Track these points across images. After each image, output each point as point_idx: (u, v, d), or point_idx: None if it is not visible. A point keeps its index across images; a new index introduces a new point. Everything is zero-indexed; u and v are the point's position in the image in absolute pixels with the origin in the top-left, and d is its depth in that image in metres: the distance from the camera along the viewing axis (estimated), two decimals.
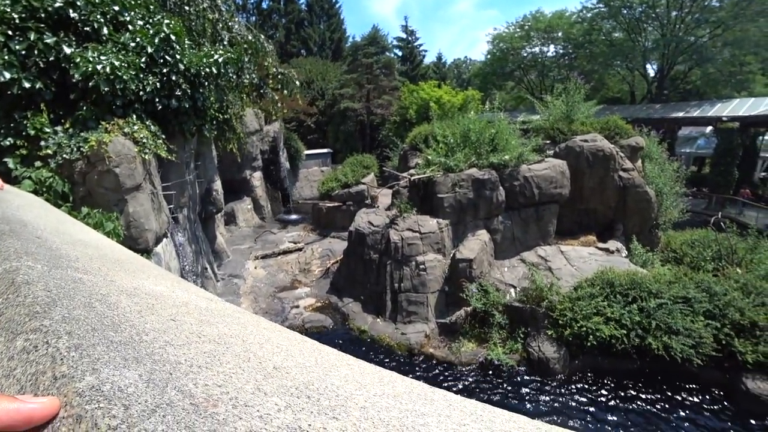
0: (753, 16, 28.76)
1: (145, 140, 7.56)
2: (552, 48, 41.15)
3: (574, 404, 8.68)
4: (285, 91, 18.01)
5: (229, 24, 14.65)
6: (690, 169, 29.15)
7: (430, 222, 11.92)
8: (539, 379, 9.41)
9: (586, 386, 9.21)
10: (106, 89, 7.27)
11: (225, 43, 13.89)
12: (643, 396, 8.89)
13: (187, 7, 12.46)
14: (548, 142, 14.23)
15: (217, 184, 15.65)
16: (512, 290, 11.13)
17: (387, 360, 10.15)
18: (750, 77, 33.90)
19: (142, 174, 7.47)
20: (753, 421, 8.19)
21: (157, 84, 8.33)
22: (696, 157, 31.80)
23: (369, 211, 13.73)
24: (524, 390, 9.10)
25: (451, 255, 11.72)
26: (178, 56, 8.68)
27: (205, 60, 9.39)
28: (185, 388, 0.81)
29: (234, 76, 12.39)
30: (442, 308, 11.31)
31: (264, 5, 43.98)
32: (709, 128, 28.98)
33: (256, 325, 1.75)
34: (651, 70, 37.76)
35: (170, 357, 1.00)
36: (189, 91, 9.05)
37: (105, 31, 7.94)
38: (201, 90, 9.53)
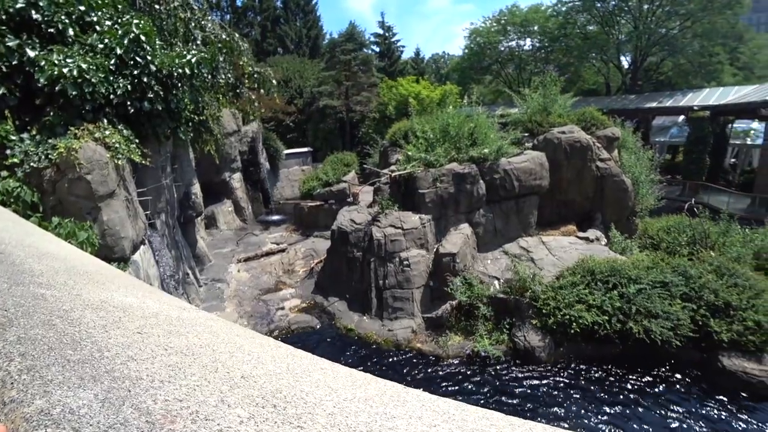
0: (720, 9, 29.85)
1: (117, 145, 7.36)
2: (528, 42, 41.57)
3: (560, 390, 8.87)
4: (262, 91, 17.76)
5: (202, 23, 14.34)
6: (664, 157, 29.92)
7: (412, 218, 11.95)
8: (526, 367, 9.57)
9: (572, 372, 9.42)
10: (73, 93, 7.05)
11: (198, 42, 13.59)
12: (626, 378, 9.15)
13: (157, 6, 12.16)
14: (526, 134, 14.39)
15: (196, 188, 15.38)
16: (496, 282, 11.26)
17: (375, 357, 10.15)
18: (719, 67, 35.09)
19: (115, 180, 7.28)
20: (728, 397, 8.52)
21: (128, 86, 8.11)
22: (670, 145, 32.61)
23: (351, 209, 13.68)
24: (511, 379, 9.23)
25: (435, 250, 11.78)
26: (149, 57, 8.47)
27: (177, 60, 9.18)
28: (143, 405, 0.79)
29: (209, 76, 12.17)
30: (428, 303, 11.37)
31: (238, 3, 43.15)
32: (682, 117, 29.78)
33: (229, 333, 1.72)
34: (625, 61, 38.57)
35: (131, 373, 0.97)
36: (162, 92, 8.84)
37: (71, 32, 7.69)
38: (174, 91, 9.32)
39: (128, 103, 8.18)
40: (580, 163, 13.55)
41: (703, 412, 8.23)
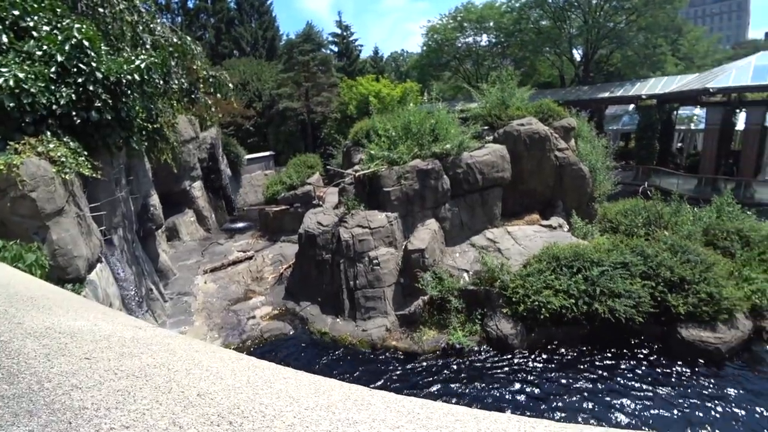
0: (661, 3, 31.86)
1: (63, 159, 6.94)
2: (485, 37, 42.49)
3: (534, 374, 9.15)
4: (219, 95, 17.26)
5: (151, 26, 13.75)
6: (617, 144, 31.33)
7: (378, 216, 11.96)
8: (500, 355, 9.79)
9: (544, 356, 9.73)
10: (11, 105, 6.60)
11: (148, 46, 13.02)
12: (595, 357, 9.56)
13: (101, 9, 11.55)
14: (487, 128, 14.67)
15: (154, 199, 14.77)
16: (465, 275, 11.44)
17: (350, 359, 10.10)
18: (662, 58, 37.33)
19: (63, 196, 6.87)
20: (688, 365, 9.08)
21: (73, 95, 7.67)
22: (622, 133, 34.22)
23: (317, 212, 13.54)
24: (487, 368, 9.42)
25: (403, 247, 11.84)
26: (94, 63, 8.03)
27: (126, 66, 8.76)
28: None
29: (161, 82, 11.68)
30: (400, 300, 11.41)
31: (190, 5, 41.79)
32: (632, 106, 31.31)
33: (187, 349, 1.65)
34: (577, 54, 40.16)
35: (74, 403, 0.91)
36: (110, 101, 8.40)
37: (4, 39, 7.19)
38: (124, 99, 8.88)
39: (74, 113, 7.72)
40: (540, 154, 13.96)
41: (667, 380, 8.75)
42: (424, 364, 9.71)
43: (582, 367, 9.29)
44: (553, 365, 9.41)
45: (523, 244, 12.32)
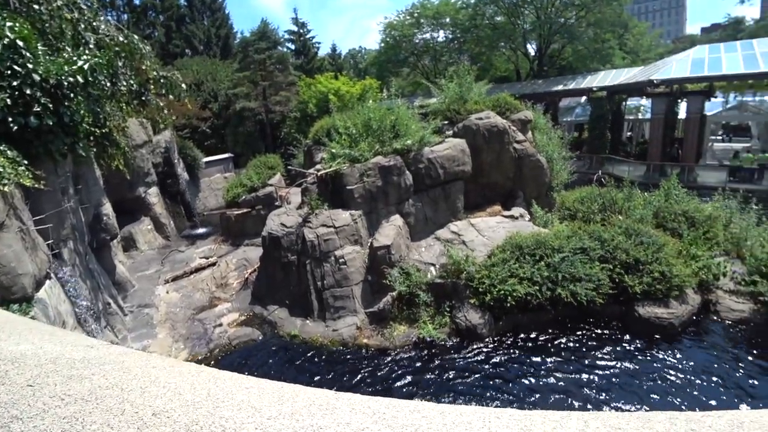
0: (608, 0, 33.07)
1: (0, 169, 6.45)
2: (442, 33, 43.07)
3: (503, 361, 9.40)
4: (171, 96, 16.55)
5: (94, 24, 12.96)
6: (572, 135, 32.63)
7: (343, 215, 11.88)
8: (470, 345, 9.98)
9: (512, 343, 10.01)
10: None
11: (91, 46, 12.25)
12: (561, 340, 9.95)
13: (36, 6, 10.78)
14: (446, 123, 14.87)
15: (107, 208, 14.01)
16: (432, 268, 11.57)
17: (322, 360, 9.98)
18: (611, 52, 39.37)
19: (2, 210, 6.38)
20: (645, 340, 9.65)
21: (7, 100, 7.13)
22: (576, 124, 35.63)
23: (280, 213, 13.28)
24: (457, 359, 9.57)
25: (369, 244, 11.83)
26: (30, 65, 7.49)
27: (67, 67, 8.23)
28: None
29: (107, 84, 11.05)
30: (369, 298, 11.40)
31: (136, 1, 39.75)
32: (584, 98, 32.68)
33: (144, 366, 1.55)
34: (531, 49, 41.49)
35: None
36: (51, 105, 7.87)
37: None
38: (67, 103, 8.34)
39: (10, 119, 7.19)
40: (499, 147, 14.30)
41: (627, 355, 9.31)
42: (397, 359, 9.76)
43: (549, 350, 9.64)
44: (521, 351, 9.70)
45: (486, 235, 12.59)
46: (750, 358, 8.99)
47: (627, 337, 9.92)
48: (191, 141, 26.14)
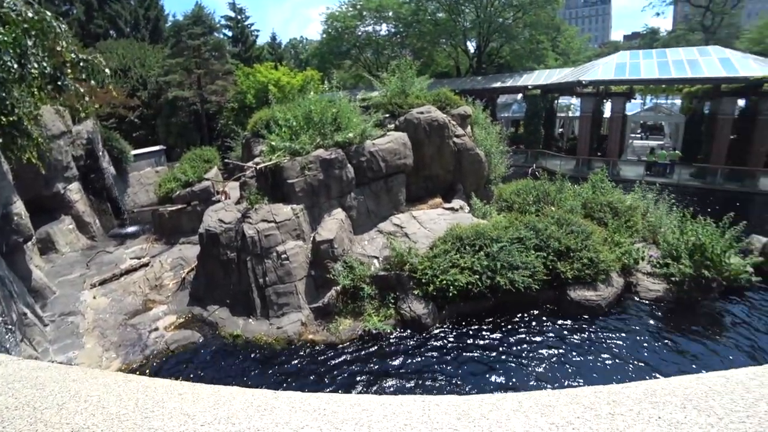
0: (542, 3, 35.69)
1: None
2: (384, 27, 43.31)
3: (447, 349, 9.63)
4: (93, 82, 15.13)
5: None
6: (509, 130, 34.16)
7: (284, 209, 11.55)
8: (415, 335, 10.13)
9: (456, 330, 10.31)
10: None
11: None
12: (501, 324, 10.41)
13: None
14: (388, 116, 14.91)
15: (18, 206, 12.55)
16: (376, 261, 11.58)
17: (267, 360, 9.65)
18: (544, 53, 41.81)
19: None
20: (576, 321, 10.33)
21: None
22: (512, 119, 37.38)
23: (218, 208, 12.65)
24: (403, 349, 9.68)
25: (311, 239, 11.61)
26: None
27: None
28: None
29: (14, 66, 9.86)
30: (313, 293, 11.19)
31: None
32: (520, 95, 34.36)
33: (62, 381, 1.36)
34: (471, 47, 42.85)
35: None
36: None
37: None
38: None
39: None
40: (439, 140, 14.58)
41: (562, 335, 9.97)
42: (343, 353, 9.68)
43: (491, 335, 10.05)
44: (464, 337, 10.01)
45: (428, 227, 12.80)
46: (665, 332, 10.00)
47: (561, 318, 10.59)
48: (118, 132, 24.17)
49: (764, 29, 47.81)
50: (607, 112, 31.06)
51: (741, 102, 24.76)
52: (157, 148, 25.94)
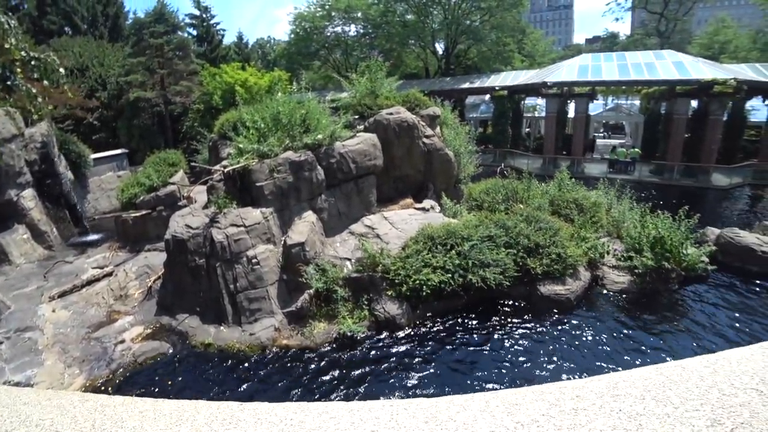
0: (509, 7, 36.83)
1: None
2: (353, 28, 43.22)
3: (422, 348, 9.70)
4: (46, 82, 14.38)
5: None
6: (478, 130, 34.71)
7: (253, 213, 11.33)
8: (390, 336, 10.15)
9: (429, 329, 10.39)
10: None
11: None
12: (474, 322, 10.58)
13: None
14: (357, 117, 14.87)
15: None
16: (348, 263, 11.52)
17: (241, 368, 9.40)
18: (511, 55, 42.87)
19: None
20: (546, 315, 10.67)
21: None
22: (480, 120, 38.03)
23: (184, 213, 12.27)
24: (378, 350, 9.67)
25: (282, 242, 11.43)
26: None
27: None
28: None
29: None
30: (286, 297, 11.02)
31: None
32: (488, 96, 34.99)
33: (12, 405, 1.29)
34: (440, 48, 43.35)
35: None
36: None
37: None
38: None
39: None
40: (409, 141, 14.66)
41: (533, 328, 10.25)
42: (318, 357, 9.57)
43: (463, 332, 10.19)
44: (438, 335, 10.11)
45: (400, 227, 12.84)
46: (630, 322, 10.46)
47: (531, 313, 10.86)
48: (76, 135, 23.13)
49: (713, 35, 51.04)
50: (571, 112, 32.17)
51: (694, 103, 26.10)
52: (118, 151, 24.92)
